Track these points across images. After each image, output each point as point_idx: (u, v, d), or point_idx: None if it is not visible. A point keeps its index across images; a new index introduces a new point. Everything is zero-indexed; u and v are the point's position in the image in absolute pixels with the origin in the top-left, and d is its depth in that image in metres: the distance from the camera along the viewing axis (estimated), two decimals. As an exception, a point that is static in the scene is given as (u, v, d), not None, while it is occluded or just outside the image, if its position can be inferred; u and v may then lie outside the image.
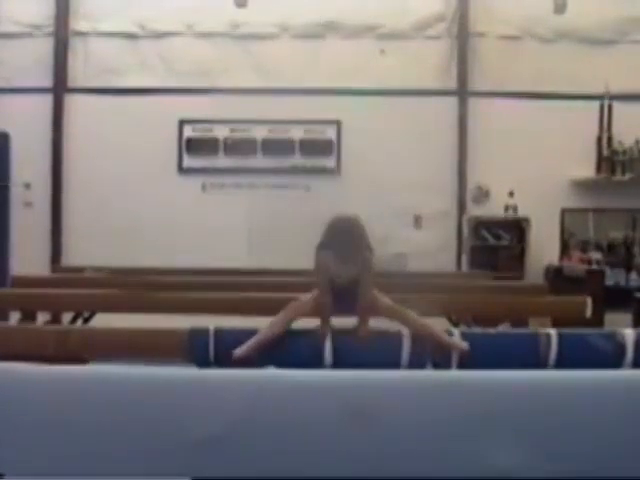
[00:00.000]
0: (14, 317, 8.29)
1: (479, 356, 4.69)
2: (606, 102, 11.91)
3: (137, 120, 12.03)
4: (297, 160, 12.26)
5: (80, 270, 9.70)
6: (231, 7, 11.74)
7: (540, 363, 4.69)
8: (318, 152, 12.26)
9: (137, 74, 12.29)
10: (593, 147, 12.02)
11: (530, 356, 4.76)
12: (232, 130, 12.29)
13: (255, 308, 7.06)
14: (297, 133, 12.26)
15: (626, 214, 12.28)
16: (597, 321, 9.26)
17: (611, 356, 4.71)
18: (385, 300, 4.89)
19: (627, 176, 12.00)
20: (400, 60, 12.18)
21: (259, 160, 12.31)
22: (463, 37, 12.35)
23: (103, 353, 5.37)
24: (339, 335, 4.79)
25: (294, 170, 12.23)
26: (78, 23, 12.35)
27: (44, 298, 7.74)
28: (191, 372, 3.84)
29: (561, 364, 4.62)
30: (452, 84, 12.37)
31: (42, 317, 7.93)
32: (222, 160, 12.32)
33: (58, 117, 12.27)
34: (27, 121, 12.06)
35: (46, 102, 12.23)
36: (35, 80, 12.21)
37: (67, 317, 8.42)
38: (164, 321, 5.98)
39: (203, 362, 4.76)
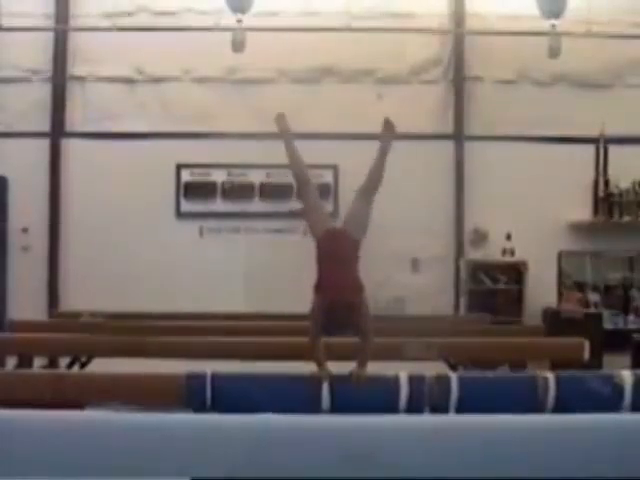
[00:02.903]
0: (11, 362, 8.26)
1: (478, 400, 4.69)
2: (602, 145, 11.94)
3: (135, 164, 12.01)
4: (294, 204, 12.23)
5: (77, 315, 9.68)
6: (228, 52, 11.73)
7: (538, 407, 4.68)
8: (315, 196, 12.22)
9: (134, 119, 12.29)
10: (590, 190, 12.03)
11: (528, 400, 4.75)
12: (230, 174, 12.29)
13: (252, 352, 7.07)
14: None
15: (623, 256, 12.27)
16: (595, 363, 9.23)
17: (609, 399, 4.70)
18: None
19: (624, 219, 12.01)
20: (397, 104, 12.15)
21: (257, 204, 12.30)
22: (459, 81, 12.41)
23: (99, 398, 5.35)
24: (337, 379, 4.78)
25: (291, 214, 12.20)
26: (76, 68, 12.36)
27: (41, 343, 7.72)
28: (188, 418, 3.82)
29: (559, 407, 4.61)
30: (448, 128, 12.41)
31: (39, 362, 7.90)
32: (220, 204, 12.30)
33: (56, 162, 12.26)
34: (25, 166, 12.05)
35: (44, 147, 12.22)
36: (33, 124, 12.21)
37: (64, 362, 8.39)
38: (161, 366, 5.96)
39: (200, 407, 4.75)
